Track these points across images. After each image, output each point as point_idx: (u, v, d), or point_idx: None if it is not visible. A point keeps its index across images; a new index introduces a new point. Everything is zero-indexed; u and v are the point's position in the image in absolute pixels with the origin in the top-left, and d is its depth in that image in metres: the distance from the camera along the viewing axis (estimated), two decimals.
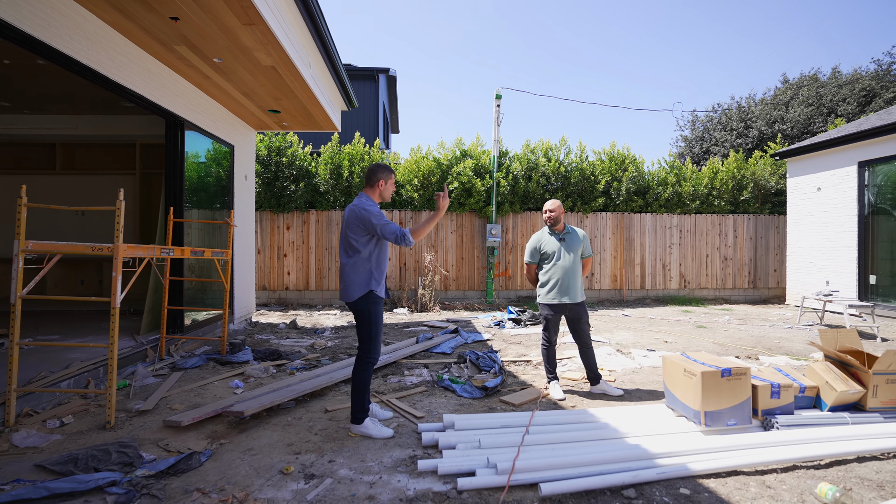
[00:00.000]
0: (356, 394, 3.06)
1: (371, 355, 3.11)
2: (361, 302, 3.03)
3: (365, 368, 3.08)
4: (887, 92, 15.77)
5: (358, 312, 3.06)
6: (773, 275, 10.73)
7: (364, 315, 3.06)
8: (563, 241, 4.00)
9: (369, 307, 3.05)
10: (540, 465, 2.51)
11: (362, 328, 3.09)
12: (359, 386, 3.06)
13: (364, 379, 3.07)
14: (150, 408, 3.47)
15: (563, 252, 3.97)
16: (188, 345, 5.49)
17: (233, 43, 4.43)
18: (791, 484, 2.51)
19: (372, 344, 3.10)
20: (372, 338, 3.10)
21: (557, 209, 4.02)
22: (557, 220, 4.03)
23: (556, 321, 4.03)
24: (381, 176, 3.15)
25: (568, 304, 3.94)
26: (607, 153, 10.84)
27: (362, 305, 3.04)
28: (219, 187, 6.55)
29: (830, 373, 3.22)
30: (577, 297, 3.94)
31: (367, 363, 3.10)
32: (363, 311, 3.05)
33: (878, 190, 8.22)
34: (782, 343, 6.13)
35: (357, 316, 3.08)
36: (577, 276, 3.96)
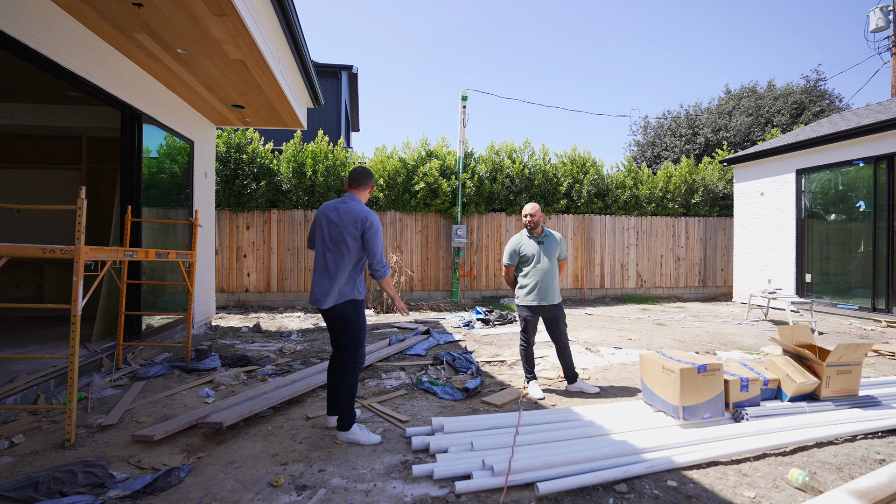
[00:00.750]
0: (345, 400, 2.98)
1: (359, 360, 3.05)
2: (349, 306, 2.95)
3: (353, 374, 3.02)
4: (815, 106, 17.17)
5: (344, 317, 2.96)
6: (721, 274, 11.43)
7: (351, 319, 2.98)
8: (542, 245, 4.08)
9: (357, 311, 3.00)
10: (534, 465, 2.54)
11: (348, 333, 3.00)
12: (349, 392, 2.99)
13: (353, 385, 3.01)
14: (114, 422, 3.23)
15: (542, 255, 4.05)
16: (146, 352, 5.16)
17: (200, 34, 4.20)
18: (764, 471, 2.68)
19: (360, 349, 3.04)
20: (359, 342, 3.04)
21: (537, 213, 4.09)
22: (537, 224, 4.10)
23: (535, 322, 4.11)
24: (372, 181, 3.19)
25: (546, 306, 4.02)
26: (569, 156, 11.16)
27: (350, 310, 2.96)
28: (178, 185, 6.19)
29: (790, 366, 3.47)
30: (555, 299, 4.03)
31: (355, 368, 3.03)
32: (350, 315, 2.97)
33: (812, 196, 8.94)
34: (735, 338, 6.54)
35: (341, 321, 2.98)
36: (555, 279, 4.05)
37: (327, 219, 2.99)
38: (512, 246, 4.23)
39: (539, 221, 4.10)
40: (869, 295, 7.95)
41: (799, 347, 3.54)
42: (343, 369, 3.02)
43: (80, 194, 2.99)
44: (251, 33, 4.16)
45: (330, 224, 2.97)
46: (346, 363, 3.02)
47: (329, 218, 2.98)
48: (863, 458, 2.85)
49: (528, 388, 4.11)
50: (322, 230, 2.99)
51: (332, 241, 2.95)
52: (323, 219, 3.01)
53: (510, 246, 4.24)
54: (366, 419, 3.41)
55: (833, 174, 8.58)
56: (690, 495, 2.42)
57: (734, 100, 18.33)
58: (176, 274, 6.05)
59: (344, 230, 2.93)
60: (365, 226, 2.93)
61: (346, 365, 3.02)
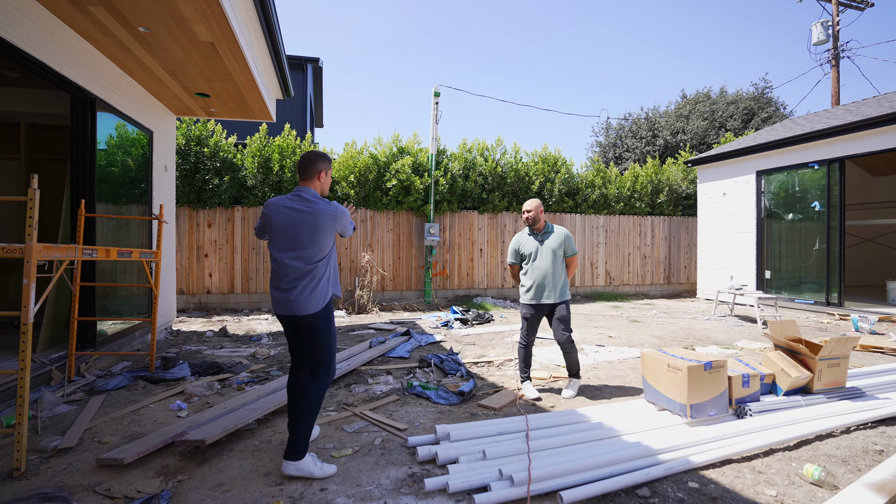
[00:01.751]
0: (306, 418, 2.50)
1: (329, 372, 2.65)
2: (322, 312, 2.59)
3: (323, 388, 2.60)
4: (763, 112, 18.17)
5: (313, 326, 2.58)
6: (684, 271, 11.83)
7: (322, 325, 2.60)
8: (541, 242, 3.96)
9: (328, 314, 2.64)
10: (554, 473, 2.41)
11: (319, 342, 2.61)
12: (312, 408, 2.54)
13: (319, 401, 2.58)
14: (73, 444, 2.83)
15: (541, 252, 3.92)
16: (101, 361, 4.66)
17: (167, 10, 3.82)
18: (777, 467, 2.67)
19: (331, 358, 2.67)
20: (331, 349, 2.66)
21: (535, 209, 3.97)
22: (536, 220, 3.98)
23: (535, 321, 3.98)
24: (321, 166, 2.69)
25: (545, 305, 3.91)
26: (540, 155, 11.21)
27: (322, 315, 2.59)
28: (135, 179, 5.67)
29: (784, 361, 3.52)
30: (556, 298, 3.89)
31: (326, 380, 2.63)
32: (322, 320, 2.60)
33: (771, 196, 9.38)
34: (708, 334, 6.71)
35: (310, 330, 2.59)
36: (557, 276, 3.90)
37: (285, 219, 2.55)
38: (512, 244, 4.13)
39: (538, 217, 3.97)
40: (823, 290, 8.41)
41: (791, 342, 3.60)
42: (311, 381, 2.60)
43: (31, 184, 2.59)
44: (226, 13, 3.83)
45: (289, 225, 2.54)
46: (315, 375, 2.62)
47: (288, 219, 2.55)
48: (863, 450, 2.90)
49: (523, 388, 3.99)
50: (278, 232, 2.56)
51: (304, 246, 2.54)
52: (277, 218, 2.56)
53: (511, 244, 4.16)
54: (360, 428, 3.18)
55: (790, 176, 9.03)
56: (714, 496, 2.36)
57: (690, 104, 19.13)
58: (129, 275, 5.53)
59: (317, 233, 2.54)
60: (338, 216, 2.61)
61: (315, 376, 2.61)
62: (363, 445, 2.91)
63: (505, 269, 10.66)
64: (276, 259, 2.59)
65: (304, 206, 2.57)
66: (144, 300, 5.92)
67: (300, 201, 2.59)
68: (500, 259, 10.63)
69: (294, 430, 2.50)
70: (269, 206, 2.62)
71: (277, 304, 2.60)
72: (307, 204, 2.58)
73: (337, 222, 2.63)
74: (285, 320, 2.64)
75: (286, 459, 2.47)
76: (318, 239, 2.56)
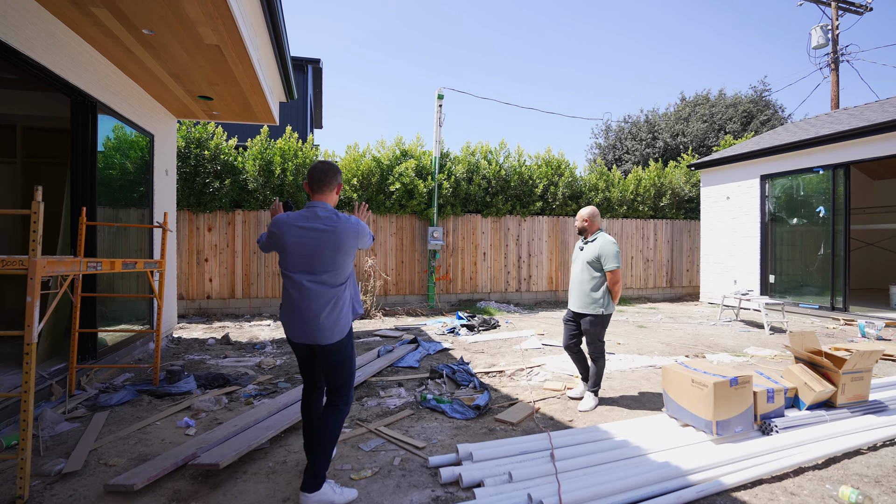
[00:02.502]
0: (327, 448, 2.37)
1: (350, 398, 2.51)
2: (346, 339, 2.43)
3: (343, 417, 2.46)
4: (762, 115, 18.21)
5: (335, 353, 2.40)
6: (686, 274, 11.80)
7: (344, 353, 2.43)
8: (582, 251, 4.00)
9: (350, 341, 2.48)
10: (585, 497, 2.32)
11: (341, 370, 2.44)
12: (333, 439, 2.40)
13: (339, 431, 2.44)
14: (78, 467, 2.71)
15: (576, 260, 4.03)
16: (102, 374, 4.54)
17: (172, 12, 3.70)
18: (810, 489, 2.59)
19: (350, 388, 2.51)
20: (350, 378, 2.50)
21: (580, 219, 4.00)
22: (583, 230, 4.03)
23: (569, 326, 4.05)
24: (339, 179, 2.53)
25: (573, 312, 3.99)
26: (543, 158, 11.14)
27: (346, 342, 2.43)
28: (135, 183, 5.54)
29: (806, 374, 3.45)
30: (576, 307, 3.93)
31: (346, 409, 2.48)
32: (345, 347, 2.43)
33: (776, 200, 9.35)
34: (716, 340, 6.66)
35: (330, 358, 2.41)
36: (583, 287, 3.87)
37: (302, 240, 2.33)
38: None
39: (585, 228, 3.99)
40: (828, 294, 8.38)
41: (813, 355, 3.53)
42: (332, 412, 2.44)
43: (35, 196, 2.47)
44: (234, 15, 3.71)
45: (308, 247, 2.32)
46: (335, 404, 2.45)
47: (305, 240, 2.33)
48: (894, 468, 2.83)
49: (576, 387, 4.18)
50: (294, 254, 2.34)
51: (316, 265, 2.33)
52: (293, 241, 2.33)
53: None
54: (377, 447, 3.08)
55: (795, 180, 9.00)
56: None
57: (689, 106, 19.14)
58: (128, 281, 5.39)
59: (339, 252, 2.35)
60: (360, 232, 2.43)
61: (336, 407, 2.45)
62: (382, 466, 2.81)
63: (508, 273, 10.59)
64: (292, 280, 2.34)
65: (323, 225, 2.34)
66: (144, 306, 5.78)
67: (317, 220, 2.35)
68: (504, 263, 10.55)
69: (313, 460, 2.36)
70: (281, 226, 2.36)
71: (294, 331, 2.38)
72: (326, 222, 2.35)
73: (360, 239, 2.44)
74: (300, 347, 2.47)
75: (304, 492, 2.32)
76: (341, 259, 2.37)
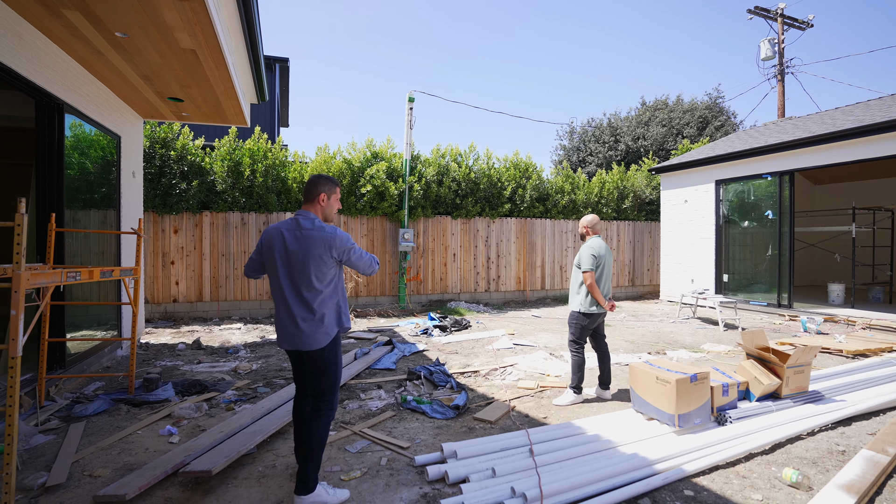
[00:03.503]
0: (315, 453, 2.46)
1: (334, 404, 2.56)
2: (328, 347, 2.49)
3: (328, 422, 2.53)
4: (716, 120, 19.22)
5: (318, 360, 2.49)
6: (647, 274, 12.38)
7: (327, 360, 2.50)
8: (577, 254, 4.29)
9: (335, 348, 2.53)
10: (562, 488, 2.52)
11: (324, 376, 2.51)
12: (320, 444, 2.48)
13: (326, 435, 2.52)
14: (62, 480, 2.69)
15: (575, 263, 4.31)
16: (70, 383, 4.42)
17: (149, 17, 3.66)
18: (758, 472, 2.90)
19: (335, 393, 2.56)
20: (334, 385, 2.55)
21: (584, 226, 4.27)
22: (582, 236, 4.32)
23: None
24: (322, 189, 2.56)
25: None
26: (512, 161, 11.42)
27: (328, 349, 2.49)
28: (102, 186, 5.38)
29: (756, 369, 3.80)
30: (571, 305, 4.27)
31: (331, 414, 2.54)
32: (328, 354, 2.50)
33: (729, 204, 9.97)
34: (676, 337, 7.09)
35: (314, 364, 2.49)
36: (574, 286, 4.24)
37: (281, 246, 2.44)
38: None
39: (584, 233, 4.29)
40: (775, 292, 9.04)
41: (762, 352, 3.89)
42: (316, 417, 2.50)
43: (18, 208, 2.44)
44: (213, 23, 3.71)
45: (286, 253, 2.43)
46: (319, 410, 2.51)
47: (283, 246, 2.44)
48: (829, 451, 3.19)
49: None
50: (278, 260, 2.44)
51: (301, 274, 2.42)
52: (276, 245, 2.44)
53: None
54: (363, 448, 3.19)
55: (746, 185, 9.63)
56: (708, 503, 2.54)
57: (650, 111, 19.98)
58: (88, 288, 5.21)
59: (309, 258, 2.41)
60: (332, 243, 2.43)
61: (319, 412, 2.51)
62: (370, 466, 2.92)
63: (478, 274, 10.81)
64: (274, 286, 2.49)
65: (297, 232, 2.44)
66: (110, 312, 5.63)
67: (297, 228, 2.46)
68: (473, 264, 10.76)
69: (303, 464, 2.45)
70: (266, 233, 2.52)
71: (281, 337, 2.50)
72: (301, 230, 2.44)
73: (333, 249, 2.44)
74: (290, 352, 2.58)
75: (298, 495, 2.42)
76: (313, 267, 2.41)
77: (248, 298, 8.83)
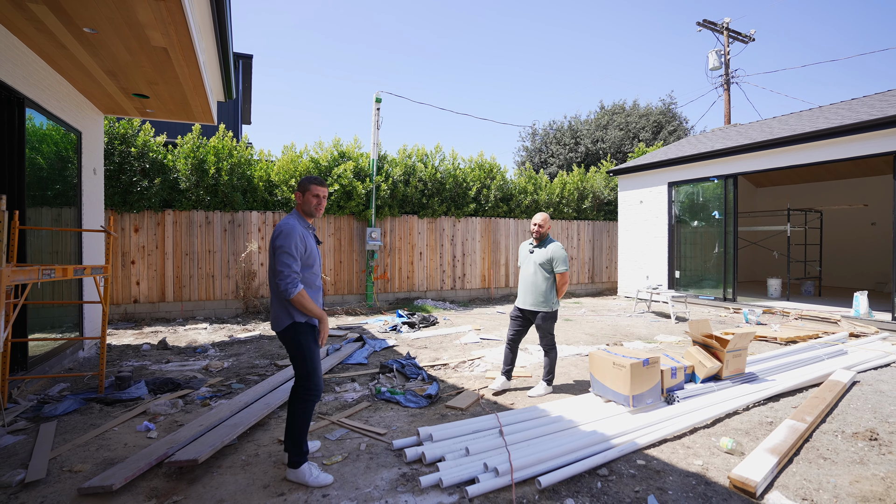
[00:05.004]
0: (291, 431, 2.66)
1: (310, 391, 2.70)
2: (288, 332, 2.68)
3: (304, 406, 2.69)
4: (669, 125, 20.27)
5: (286, 344, 2.72)
6: (606, 271, 12.98)
7: (293, 348, 2.70)
8: (532, 254, 4.35)
9: (298, 338, 2.68)
10: (530, 462, 2.77)
11: (295, 361, 2.72)
12: (297, 424, 2.66)
13: (304, 418, 2.68)
14: (42, 476, 2.71)
15: (528, 262, 4.37)
16: (33, 385, 4.32)
17: (121, 14, 3.66)
18: (700, 442, 3.26)
19: (310, 379, 2.71)
20: (308, 372, 2.70)
21: (536, 224, 4.30)
22: (540, 235, 4.31)
23: (514, 322, 4.40)
24: (297, 188, 2.84)
25: (524, 310, 4.35)
26: (477, 162, 11.71)
27: (289, 336, 2.68)
28: (63, 182, 5.24)
29: (701, 354, 4.21)
30: (529, 305, 4.27)
31: (307, 399, 2.70)
32: (291, 343, 2.69)
33: (680, 205, 10.64)
34: (632, 330, 7.56)
35: (288, 348, 2.73)
36: (538, 287, 4.22)
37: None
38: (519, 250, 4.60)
39: (542, 232, 4.29)
40: (721, 287, 9.74)
41: (706, 338, 4.30)
42: (293, 398, 2.73)
43: None
44: (188, 22, 3.75)
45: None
46: (296, 391, 2.73)
47: None
48: (759, 423, 3.60)
49: (495, 379, 4.50)
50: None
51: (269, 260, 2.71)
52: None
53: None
54: (342, 436, 3.34)
55: (696, 187, 10.32)
56: (658, 469, 2.86)
57: (608, 115, 20.85)
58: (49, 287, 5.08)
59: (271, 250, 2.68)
60: (273, 240, 2.63)
61: (296, 393, 2.72)
62: (350, 452, 3.08)
63: (444, 272, 11.04)
64: None
65: None
66: (71, 312, 5.49)
67: None
68: (439, 262, 10.99)
69: (285, 442, 2.69)
70: None
71: None
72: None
73: (274, 243, 2.62)
74: None
75: (287, 467, 2.70)
76: (272, 258, 2.63)
77: (214, 298, 8.70)
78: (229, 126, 12.63)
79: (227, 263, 8.76)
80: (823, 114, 9.77)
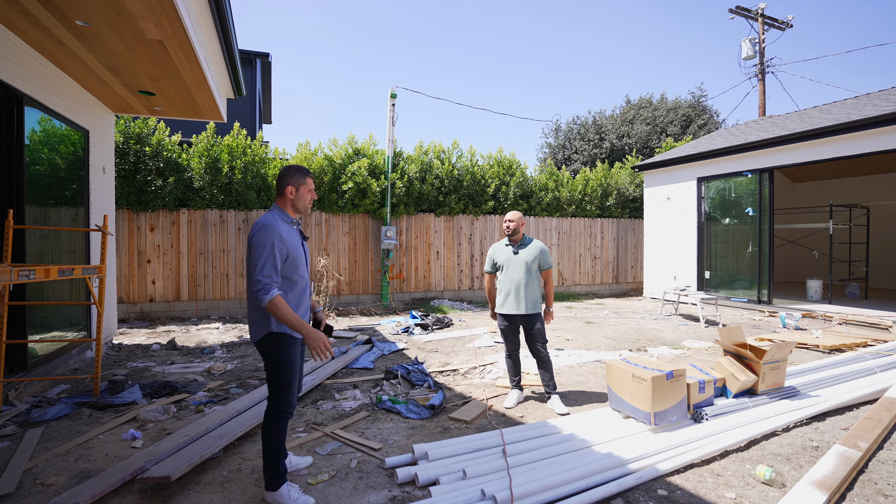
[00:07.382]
0: (265, 454, 2.42)
1: (282, 408, 2.45)
2: (265, 343, 2.42)
3: (275, 425, 2.44)
4: (699, 119, 19.41)
5: (263, 355, 2.46)
6: (631, 271, 12.44)
7: (269, 359, 2.43)
8: (516, 254, 4.01)
9: (276, 350, 2.42)
10: (534, 490, 2.47)
11: (268, 374, 2.46)
12: (268, 446, 2.42)
13: (275, 437, 2.43)
14: (12, 489, 2.56)
15: (515, 263, 3.97)
16: (33, 387, 4.25)
17: (110, 5, 3.51)
18: (733, 469, 2.88)
19: (282, 396, 2.45)
20: (281, 388, 2.44)
21: (515, 220, 4.01)
22: (514, 231, 4.01)
23: (510, 331, 4.05)
24: (287, 182, 2.50)
25: (518, 315, 3.96)
26: (495, 158, 11.37)
27: (266, 347, 2.42)
28: (69, 182, 5.20)
29: (733, 366, 3.79)
30: (525, 309, 3.91)
31: (278, 417, 2.44)
32: (267, 353, 2.43)
33: (710, 201, 10.05)
34: (657, 334, 7.11)
35: (263, 359, 2.47)
36: (529, 288, 3.92)
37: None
38: (489, 253, 4.20)
39: (517, 229, 4.00)
40: (755, 289, 9.13)
41: (738, 348, 3.88)
42: (266, 417, 2.47)
43: None
44: (179, 11, 3.58)
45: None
46: (268, 409, 2.47)
47: None
48: (803, 447, 3.18)
49: (508, 395, 4.12)
50: None
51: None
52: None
53: (489, 253, 4.22)
54: (334, 450, 3.10)
55: (727, 183, 9.71)
56: (682, 503, 2.51)
57: (634, 109, 20.11)
58: (59, 287, 5.04)
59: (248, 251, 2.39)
60: (249, 239, 2.36)
61: (269, 412, 2.46)
62: (339, 469, 2.84)
63: (461, 271, 10.75)
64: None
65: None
66: (79, 312, 5.45)
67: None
68: (457, 262, 10.70)
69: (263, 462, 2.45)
70: None
71: None
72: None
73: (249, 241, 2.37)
74: None
75: (264, 489, 2.44)
76: (249, 259, 2.36)
77: (228, 297, 8.66)
78: (247, 126, 12.66)
79: (241, 263, 8.70)
80: (871, 101, 9.02)
